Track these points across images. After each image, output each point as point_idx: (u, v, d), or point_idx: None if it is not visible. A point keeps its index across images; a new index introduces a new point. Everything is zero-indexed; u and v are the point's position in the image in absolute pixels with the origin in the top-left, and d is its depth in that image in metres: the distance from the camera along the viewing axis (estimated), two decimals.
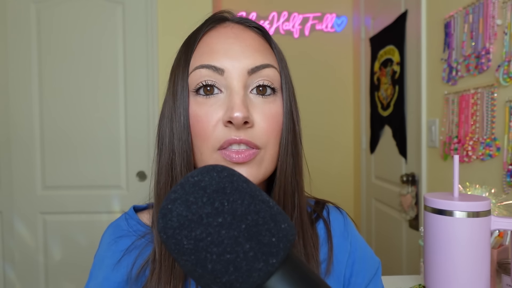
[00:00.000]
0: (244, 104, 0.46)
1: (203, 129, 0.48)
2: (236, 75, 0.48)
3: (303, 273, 0.26)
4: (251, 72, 0.48)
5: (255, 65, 0.49)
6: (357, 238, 0.60)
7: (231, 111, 0.46)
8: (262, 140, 0.48)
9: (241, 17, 0.54)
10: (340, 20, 2.81)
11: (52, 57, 1.95)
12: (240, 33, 0.51)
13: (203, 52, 0.49)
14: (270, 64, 0.50)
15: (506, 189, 1.15)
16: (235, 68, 0.48)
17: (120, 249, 0.53)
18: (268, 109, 0.49)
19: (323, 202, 0.62)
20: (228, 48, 0.49)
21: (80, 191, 1.98)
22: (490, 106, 1.22)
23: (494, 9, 1.20)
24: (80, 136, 1.97)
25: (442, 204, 0.52)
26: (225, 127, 0.47)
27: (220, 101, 0.48)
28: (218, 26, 0.52)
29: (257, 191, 0.29)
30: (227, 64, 0.48)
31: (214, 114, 0.48)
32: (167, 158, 0.50)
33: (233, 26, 0.52)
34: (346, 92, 2.86)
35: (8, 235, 1.97)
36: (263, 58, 0.50)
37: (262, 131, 0.48)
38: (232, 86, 0.48)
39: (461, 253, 0.51)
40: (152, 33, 1.96)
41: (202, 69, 0.48)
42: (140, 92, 1.98)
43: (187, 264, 0.26)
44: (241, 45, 0.49)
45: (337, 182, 2.84)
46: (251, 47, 0.49)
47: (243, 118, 0.45)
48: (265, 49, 0.51)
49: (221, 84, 0.48)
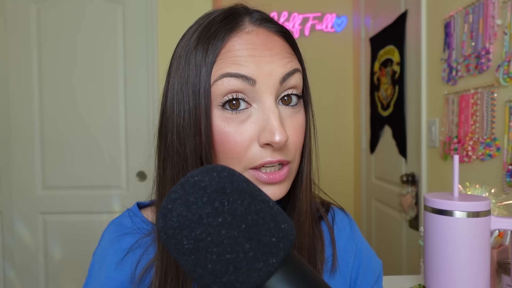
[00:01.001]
0: (282, 124, 0.44)
1: (234, 148, 0.45)
2: (268, 86, 0.44)
3: (303, 273, 0.26)
4: (282, 80, 0.45)
5: (285, 72, 0.45)
6: (362, 240, 0.61)
7: (271, 135, 0.43)
8: (292, 154, 0.47)
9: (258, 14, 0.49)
10: (340, 20, 2.81)
11: (52, 57, 1.95)
12: (267, 40, 0.46)
13: (227, 59, 0.44)
14: (298, 68, 0.48)
15: (506, 189, 1.15)
16: (268, 78, 0.44)
17: (124, 247, 0.52)
18: (296, 121, 0.47)
19: (328, 203, 0.62)
20: (259, 57, 0.44)
21: (80, 191, 1.98)
22: (490, 106, 1.22)
23: (494, 9, 1.20)
24: (80, 136, 1.97)
25: (442, 204, 0.52)
26: (261, 147, 0.45)
27: (252, 117, 0.45)
28: (240, 31, 0.46)
29: (257, 191, 0.29)
30: (258, 73, 0.44)
31: (246, 132, 0.44)
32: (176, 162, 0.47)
33: (258, 31, 0.47)
34: (346, 92, 2.86)
35: (8, 235, 1.97)
36: (292, 63, 0.47)
37: (293, 145, 0.47)
38: (265, 101, 0.44)
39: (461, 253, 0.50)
40: (152, 33, 1.96)
41: (231, 78, 0.43)
42: (140, 92, 1.98)
43: (187, 264, 0.26)
44: (271, 54, 0.45)
45: (337, 182, 2.84)
46: (280, 55, 0.46)
47: (285, 142, 0.43)
48: (290, 53, 0.48)
49: (251, 97, 0.44)
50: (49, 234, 1.98)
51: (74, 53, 1.95)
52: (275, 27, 0.49)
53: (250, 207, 0.27)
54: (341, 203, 0.66)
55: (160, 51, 1.96)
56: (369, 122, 2.43)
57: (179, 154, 0.46)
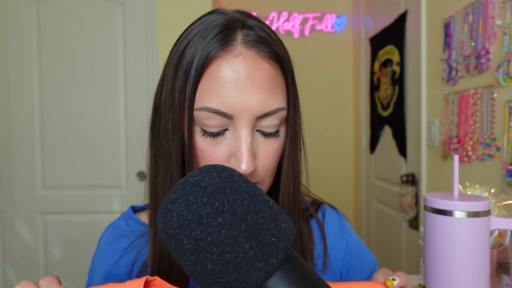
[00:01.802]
0: (251, 154, 0.45)
1: (208, 162, 0.47)
2: (244, 121, 0.45)
3: (303, 273, 0.26)
4: (260, 117, 0.46)
5: (265, 111, 0.46)
6: (353, 237, 0.61)
7: (238, 164, 0.45)
8: (261, 177, 0.48)
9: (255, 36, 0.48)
10: (340, 20, 2.81)
11: (52, 57, 1.95)
12: (253, 67, 0.46)
13: (210, 88, 0.45)
14: (280, 107, 0.47)
15: (506, 189, 1.15)
16: (245, 114, 0.45)
17: (120, 249, 0.53)
18: (270, 147, 0.48)
19: (319, 202, 0.63)
20: (240, 90, 0.45)
21: (80, 191, 1.98)
22: (490, 106, 1.22)
23: (494, 9, 1.20)
24: (80, 136, 1.97)
25: (442, 204, 0.52)
26: None
27: (226, 140, 0.47)
28: (228, 52, 0.46)
29: (257, 191, 0.29)
30: (237, 109, 0.45)
31: (219, 153, 0.47)
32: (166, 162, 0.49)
33: (246, 55, 0.46)
34: (346, 92, 2.86)
35: (8, 235, 1.97)
36: (274, 101, 0.47)
37: (263, 169, 0.48)
38: (240, 130, 0.46)
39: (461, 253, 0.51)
40: (152, 33, 1.96)
41: (210, 113, 0.45)
42: (140, 92, 1.98)
43: (187, 264, 0.26)
44: (252, 87, 0.45)
45: (337, 182, 2.84)
46: (263, 89, 0.46)
47: (250, 172, 0.45)
48: (277, 86, 0.48)
49: (228, 124, 0.46)
50: (49, 234, 1.98)
51: (74, 53, 1.95)
52: (268, 52, 0.47)
53: (250, 207, 0.27)
54: (340, 203, 0.66)
55: (160, 51, 1.96)
56: (369, 122, 2.43)
57: (167, 154, 0.48)
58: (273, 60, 0.48)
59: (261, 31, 0.48)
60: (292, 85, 0.51)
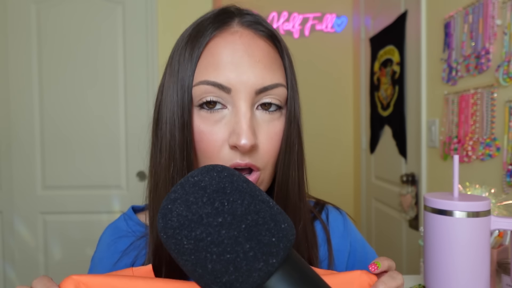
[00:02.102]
0: (251, 129, 0.44)
1: (208, 148, 0.46)
2: (243, 94, 0.45)
3: (303, 273, 0.26)
4: (258, 92, 0.45)
5: (263, 85, 0.45)
6: (357, 239, 0.61)
7: (238, 138, 0.43)
8: (263, 162, 0.47)
9: (250, 16, 0.49)
10: (340, 20, 2.81)
11: (52, 57, 1.95)
12: (250, 44, 0.46)
13: (208, 63, 0.45)
14: (279, 83, 0.47)
15: (506, 189, 1.15)
16: (243, 87, 0.45)
17: (119, 250, 0.53)
18: (272, 127, 0.47)
19: (323, 203, 0.62)
20: (237, 64, 0.45)
21: (80, 191, 1.98)
22: (490, 106, 1.22)
23: (494, 9, 1.20)
24: (80, 136, 1.97)
25: (442, 204, 0.52)
26: (231, 149, 0.45)
27: (225, 118, 0.46)
28: (225, 31, 0.47)
29: (257, 191, 0.28)
30: (234, 82, 0.44)
31: (219, 133, 0.45)
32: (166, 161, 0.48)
33: (242, 33, 0.47)
34: (346, 92, 2.86)
35: (8, 235, 1.97)
36: (273, 76, 0.46)
37: (265, 152, 0.47)
38: (238, 106, 0.45)
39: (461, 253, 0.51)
40: (152, 33, 1.96)
41: (207, 86, 0.45)
42: (140, 92, 1.98)
43: (187, 264, 0.26)
44: (250, 61, 0.45)
45: (337, 182, 2.84)
46: (260, 63, 0.46)
47: (250, 147, 0.44)
48: (274, 63, 0.48)
49: (227, 101, 0.46)
50: (49, 234, 1.98)
51: (74, 53, 1.95)
52: (264, 31, 0.48)
53: (250, 207, 0.27)
54: (341, 203, 0.66)
55: (160, 51, 1.96)
56: (369, 122, 2.43)
57: (170, 146, 0.47)
58: (270, 40, 0.49)
59: (257, 16, 0.50)
60: (290, 67, 0.50)
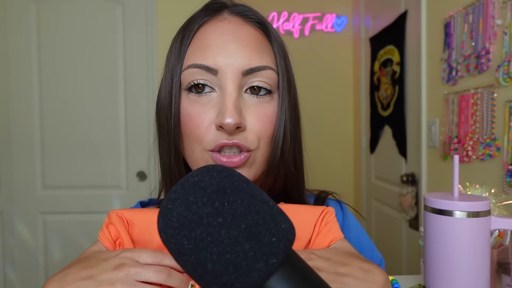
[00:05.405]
0: (237, 108, 0.45)
1: (195, 130, 0.47)
2: (230, 75, 0.46)
3: (303, 273, 0.26)
4: (245, 73, 0.46)
5: (250, 66, 0.46)
6: (358, 234, 0.60)
7: (222, 116, 0.44)
8: (253, 142, 0.47)
9: (242, 6, 0.51)
10: (340, 20, 2.81)
11: (52, 57, 1.95)
12: (237, 29, 0.48)
13: (196, 48, 0.47)
14: (267, 66, 0.48)
15: (506, 189, 1.15)
16: (230, 69, 0.46)
17: None
18: (262, 109, 0.48)
19: (324, 196, 0.62)
20: (223, 46, 0.46)
21: (80, 191, 1.98)
22: (490, 106, 1.22)
23: (494, 9, 1.20)
24: (80, 136, 1.97)
25: (442, 204, 0.52)
26: (217, 130, 0.46)
27: (213, 101, 0.47)
28: (215, 18, 0.49)
29: (257, 191, 0.29)
30: (221, 63, 0.46)
31: (206, 115, 0.46)
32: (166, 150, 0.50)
33: (231, 19, 0.49)
34: (346, 92, 2.86)
35: (8, 235, 1.97)
36: (260, 59, 0.47)
37: (254, 133, 0.47)
38: (225, 87, 0.46)
39: (461, 253, 0.50)
40: (152, 33, 1.96)
41: (195, 69, 0.46)
42: (140, 92, 1.98)
43: (187, 264, 0.26)
44: (237, 43, 0.46)
45: (337, 182, 2.83)
46: (248, 47, 0.47)
47: (234, 125, 0.44)
48: (263, 47, 0.48)
49: (214, 84, 0.47)
50: (49, 234, 1.98)
51: (74, 53, 1.95)
52: (254, 18, 0.50)
53: (250, 207, 0.27)
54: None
55: (160, 51, 1.96)
56: (369, 122, 2.43)
57: (169, 133, 0.49)
58: (258, 27, 0.50)
59: (248, 7, 0.52)
60: (280, 53, 0.51)
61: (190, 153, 0.49)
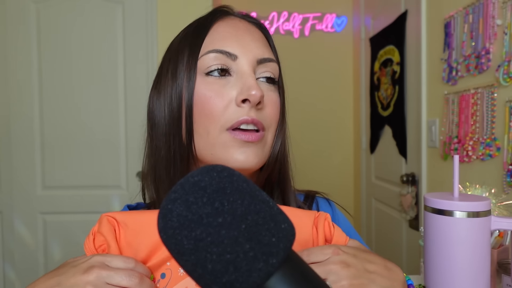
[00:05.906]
0: (258, 85, 0.50)
1: (214, 108, 0.49)
2: (247, 61, 0.50)
3: (303, 273, 0.26)
4: (259, 62, 0.52)
5: (263, 56, 0.52)
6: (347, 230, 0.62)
7: (248, 90, 0.48)
8: (267, 123, 0.52)
9: (243, 14, 0.57)
10: (340, 20, 2.81)
11: (52, 57, 1.95)
12: (247, 26, 0.54)
13: (213, 38, 0.51)
14: (273, 58, 0.54)
15: (506, 189, 1.15)
16: (247, 55, 0.51)
17: None
18: (272, 95, 0.53)
19: (312, 195, 0.64)
20: (240, 37, 0.51)
21: (80, 191, 1.98)
22: (490, 106, 1.22)
23: (494, 9, 1.20)
24: (80, 136, 1.97)
25: (442, 204, 0.52)
26: (238, 107, 0.49)
27: (231, 83, 0.50)
28: (226, 18, 0.54)
29: (257, 191, 0.29)
30: (238, 51, 0.50)
31: (226, 94, 0.49)
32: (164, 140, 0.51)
33: (240, 20, 0.55)
34: (346, 92, 2.86)
35: (8, 235, 1.97)
36: (269, 52, 0.54)
37: (269, 114, 0.52)
38: (244, 70, 0.50)
39: (461, 253, 0.50)
40: (152, 33, 1.96)
41: (216, 54, 0.50)
42: (140, 92, 1.98)
43: (187, 264, 0.26)
44: (251, 37, 0.52)
45: (337, 182, 2.84)
46: (259, 41, 0.53)
47: (260, 97, 0.48)
48: (267, 44, 0.55)
49: (232, 69, 0.51)
50: (49, 234, 1.98)
51: (74, 53, 1.95)
52: (255, 22, 0.57)
53: (250, 207, 0.27)
54: (341, 203, 0.66)
55: (160, 51, 1.96)
56: (369, 122, 2.43)
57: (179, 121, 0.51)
58: (262, 32, 0.56)
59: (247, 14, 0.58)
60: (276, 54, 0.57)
61: (205, 136, 0.50)
